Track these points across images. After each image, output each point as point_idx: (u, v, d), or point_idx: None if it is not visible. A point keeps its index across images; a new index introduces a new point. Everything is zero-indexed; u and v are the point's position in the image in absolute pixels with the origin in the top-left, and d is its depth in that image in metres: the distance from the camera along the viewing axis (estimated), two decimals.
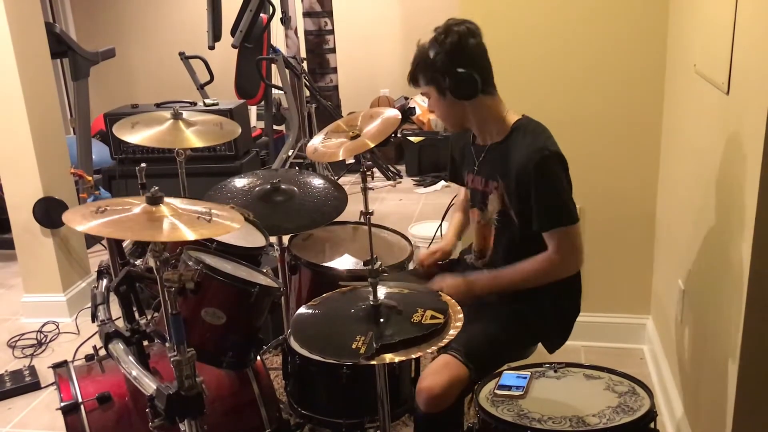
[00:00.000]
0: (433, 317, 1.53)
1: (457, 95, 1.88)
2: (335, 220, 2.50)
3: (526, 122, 1.94)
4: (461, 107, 1.92)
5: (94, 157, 4.50)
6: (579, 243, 1.88)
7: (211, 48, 4.86)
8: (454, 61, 1.85)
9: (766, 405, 1.70)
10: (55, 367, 2.04)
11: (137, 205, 1.48)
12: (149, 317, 1.98)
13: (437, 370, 1.76)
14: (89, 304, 2.15)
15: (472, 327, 1.82)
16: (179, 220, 1.44)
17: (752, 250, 1.59)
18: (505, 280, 1.92)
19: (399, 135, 5.78)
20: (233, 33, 4.86)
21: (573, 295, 2.03)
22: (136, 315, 1.93)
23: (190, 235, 1.41)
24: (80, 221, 1.41)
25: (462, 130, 2.04)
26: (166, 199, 1.49)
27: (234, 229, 1.51)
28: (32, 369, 3.01)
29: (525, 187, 1.85)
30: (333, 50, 6.13)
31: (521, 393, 1.67)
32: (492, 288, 1.94)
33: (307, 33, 6.02)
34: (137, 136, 2.29)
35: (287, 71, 5.04)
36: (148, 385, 1.59)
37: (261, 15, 4.96)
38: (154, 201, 1.47)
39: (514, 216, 1.92)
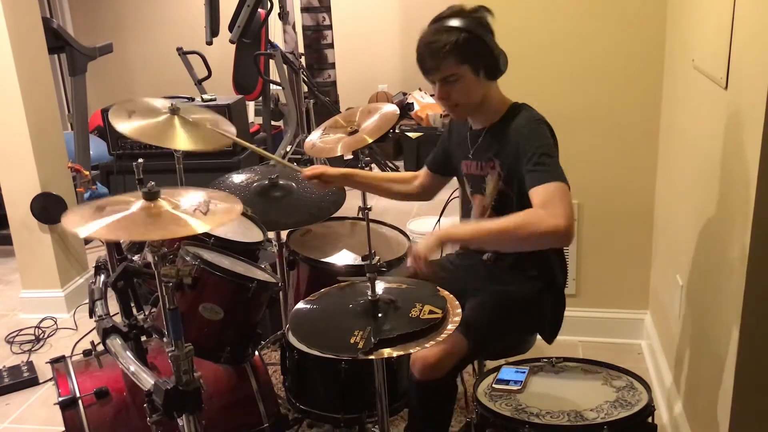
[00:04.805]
0: (431, 312, 1.53)
1: (492, 75, 1.86)
2: (333, 215, 2.50)
3: (520, 103, 1.94)
4: (484, 89, 1.87)
5: (91, 152, 4.49)
6: (567, 202, 1.71)
7: (209, 43, 4.85)
8: (489, 39, 1.83)
9: (764, 399, 1.70)
10: (53, 362, 2.04)
11: (135, 202, 1.46)
12: (147, 312, 1.98)
13: None
14: (87, 300, 2.15)
15: (469, 302, 1.82)
16: (179, 212, 1.43)
17: (750, 245, 1.60)
18: (488, 227, 1.78)
19: (397, 131, 5.77)
20: (231, 28, 4.84)
21: (561, 279, 2.02)
22: (134, 310, 1.93)
23: (193, 228, 1.39)
24: (80, 225, 1.39)
25: (469, 115, 1.98)
26: (164, 191, 1.48)
27: (235, 213, 1.48)
28: (30, 364, 3.01)
29: (519, 151, 1.80)
30: (331, 46, 6.12)
31: (519, 387, 1.68)
32: (474, 234, 1.82)
33: (305, 28, 6.00)
34: (130, 124, 2.16)
35: (285, 67, 5.03)
36: (146, 380, 1.59)
37: (259, 10, 4.95)
38: (152, 196, 1.47)
39: (512, 193, 1.89)
